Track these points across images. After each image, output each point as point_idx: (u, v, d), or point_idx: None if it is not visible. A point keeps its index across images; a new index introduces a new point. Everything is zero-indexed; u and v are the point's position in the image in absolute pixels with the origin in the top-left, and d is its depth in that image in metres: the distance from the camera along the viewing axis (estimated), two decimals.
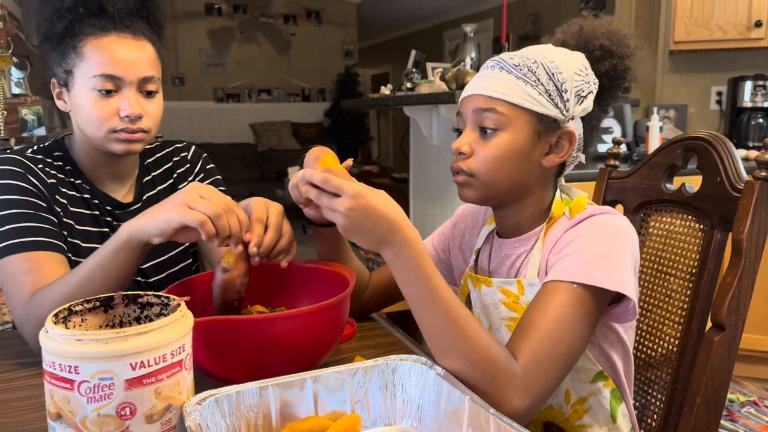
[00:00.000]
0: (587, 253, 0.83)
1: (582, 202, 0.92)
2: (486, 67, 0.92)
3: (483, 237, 1.04)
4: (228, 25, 7.57)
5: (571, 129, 0.90)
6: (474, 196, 0.92)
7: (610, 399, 0.92)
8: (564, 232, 0.88)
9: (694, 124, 3.33)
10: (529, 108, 0.87)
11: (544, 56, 0.89)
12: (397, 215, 0.76)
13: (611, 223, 0.87)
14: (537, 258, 0.91)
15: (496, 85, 0.88)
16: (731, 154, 1.02)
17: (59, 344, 0.59)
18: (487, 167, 0.89)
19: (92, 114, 1.03)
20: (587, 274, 0.80)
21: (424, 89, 2.60)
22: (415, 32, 8.43)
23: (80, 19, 1.04)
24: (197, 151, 1.29)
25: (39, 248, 0.99)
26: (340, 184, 0.75)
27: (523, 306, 0.91)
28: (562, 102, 0.88)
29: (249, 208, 0.91)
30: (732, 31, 2.95)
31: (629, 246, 0.86)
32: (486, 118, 0.88)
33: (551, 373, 0.77)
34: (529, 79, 0.87)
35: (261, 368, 0.78)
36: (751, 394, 2.58)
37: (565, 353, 0.78)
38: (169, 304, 0.71)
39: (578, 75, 0.89)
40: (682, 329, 1.06)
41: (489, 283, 0.95)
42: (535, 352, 0.76)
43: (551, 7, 5.65)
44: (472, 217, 1.11)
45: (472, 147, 0.90)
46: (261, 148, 7.49)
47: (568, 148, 0.91)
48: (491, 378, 0.74)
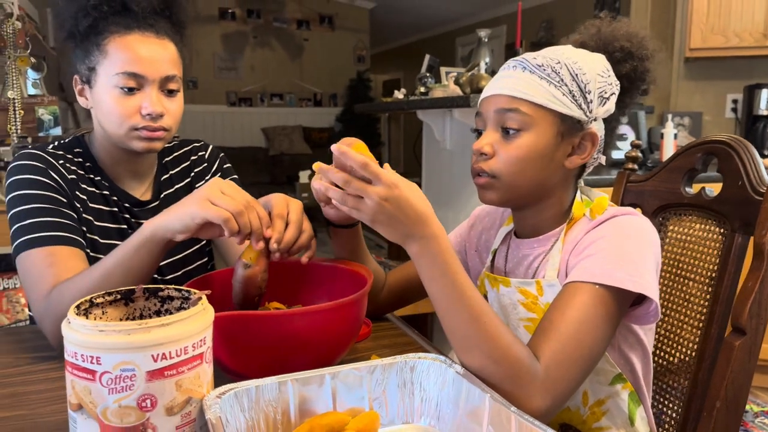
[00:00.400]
0: (609, 254, 0.82)
1: (603, 203, 0.91)
2: (507, 67, 0.91)
3: (500, 237, 1.03)
4: (242, 29, 7.62)
5: (594, 130, 0.90)
6: (496, 198, 0.91)
7: (629, 402, 0.92)
8: (585, 233, 0.88)
9: (709, 131, 3.31)
10: (553, 108, 0.87)
11: (567, 57, 0.88)
12: (426, 210, 0.76)
13: (633, 224, 0.87)
14: (557, 259, 0.90)
15: (519, 85, 0.87)
16: (753, 158, 1.01)
17: (82, 335, 0.59)
18: (510, 168, 0.88)
19: (114, 111, 1.04)
20: (609, 275, 0.79)
21: (438, 93, 2.60)
22: (427, 38, 8.44)
23: (104, 17, 1.05)
24: (215, 150, 1.30)
25: (59, 243, 0.99)
26: (378, 171, 0.73)
27: (541, 307, 0.90)
28: (585, 103, 0.88)
29: (269, 205, 0.91)
30: (749, 39, 2.93)
31: (651, 247, 0.85)
32: (509, 118, 0.87)
33: (572, 374, 0.76)
34: (553, 80, 0.87)
35: (278, 365, 0.78)
36: (765, 405, 2.55)
37: (587, 354, 0.77)
38: (189, 298, 0.71)
39: (601, 76, 0.89)
40: (701, 334, 1.05)
41: (507, 284, 0.94)
42: (556, 353, 0.76)
43: (565, 14, 5.65)
44: (490, 218, 1.10)
45: (494, 147, 0.89)
46: (272, 152, 7.52)
47: (591, 149, 0.91)
48: (513, 376, 0.74)
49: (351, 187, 0.74)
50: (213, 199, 0.85)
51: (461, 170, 2.79)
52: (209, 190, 0.86)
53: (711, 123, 3.33)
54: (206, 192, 0.86)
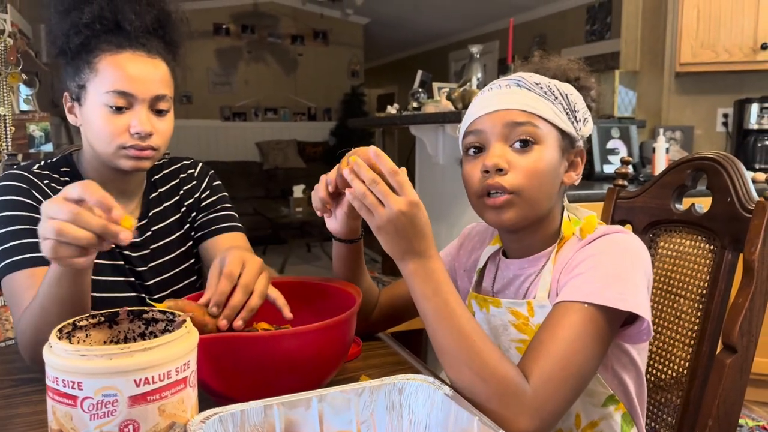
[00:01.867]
0: (599, 273, 0.82)
1: (593, 222, 0.91)
2: (499, 87, 0.90)
3: (485, 257, 1.02)
4: (236, 44, 7.65)
5: (582, 148, 0.92)
6: (515, 218, 0.86)
7: (621, 423, 0.91)
8: (575, 252, 0.87)
9: (701, 145, 3.32)
10: (557, 124, 0.88)
11: (549, 79, 0.90)
12: (430, 231, 0.79)
13: (623, 241, 0.86)
14: (548, 279, 0.89)
15: (525, 100, 0.87)
16: (741, 175, 1.01)
17: (63, 359, 0.58)
18: (531, 181, 0.85)
19: (103, 130, 1.04)
20: (599, 294, 0.79)
21: (431, 108, 2.61)
22: (421, 53, 8.49)
23: (96, 35, 1.04)
24: (204, 168, 1.29)
25: (42, 264, 0.98)
26: (406, 183, 0.75)
27: (532, 328, 0.89)
28: (576, 122, 0.90)
29: (225, 261, 0.86)
30: (738, 54, 2.95)
31: (642, 265, 0.84)
32: (524, 131, 0.86)
33: (562, 394, 0.75)
34: (550, 97, 0.88)
35: (265, 386, 0.77)
36: (760, 419, 2.54)
37: (577, 374, 0.76)
38: (174, 320, 0.71)
39: (580, 98, 0.92)
40: (693, 351, 1.05)
41: (498, 304, 0.93)
42: (545, 373, 0.75)
43: (556, 30, 5.69)
44: (479, 237, 1.09)
45: (508, 162, 0.86)
46: (267, 167, 7.51)
47: (580, 166, 0.93)
48: (500, 395, 0.73)
49: (376, 189, 0.75)
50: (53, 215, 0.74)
51: (454, 185, 2.79)
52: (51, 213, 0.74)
53: (702, 137, 3.34)
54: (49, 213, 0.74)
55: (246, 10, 7.61)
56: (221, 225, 1.23)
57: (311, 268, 5.41)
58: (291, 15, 7.79)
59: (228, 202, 1.28)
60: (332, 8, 7.44)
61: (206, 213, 1.24)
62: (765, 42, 2.89)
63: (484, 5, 6.06)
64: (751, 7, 2.91)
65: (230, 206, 1.27)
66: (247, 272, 0.86)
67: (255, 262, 0.88)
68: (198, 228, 1.24)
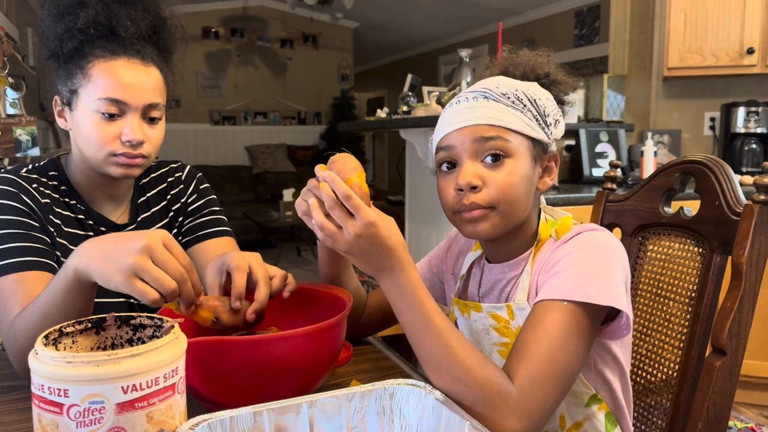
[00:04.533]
0: (576, 270, 0.82)
1: (567, 223, 0.92)
2: (466, 100, 0.89)
3: (468, 263, 1.03)
4: (225, 48, 7.63)
5: (555, 152, 0.93)
6: (490, 229, 0.87)
7: (605, 423, 0.91)
8: (551, 252, 0.88)
9: (688, 149, 3.35)
10: (526, 134, 0.88)
11: (519, 85, 0.90)
12: (397, 245, 0.78)
13: (598, 238, 0.87)
14: (526, 282, 0.90)
15: (492, 113, 0.86)
16: (729, 178, 1.01)
17: (49, 366, 0.58)
18: (506, 196, 0.85)
19: (93, 136, 1.02)
20: (578, 291, 0.79)
21: (420, 112, 2.61)
22: (411, 57, 8.51)
23: (91, 41, 1.03)
24: (192, 171, 1.28)
25: (29, 268, 0.97)
26: (359, 206, 0.74)
27: (513, 331, 0.90)
28: (546, 126, 0.90)
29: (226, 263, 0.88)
30: (725, 58, 2.98)
31: (618, 260, 0.85)
32: (493, 146, 0.85)
33: (547, 392, 0.76)
34: (518, 107, 0.87)
35: (254, 391, 0.77)
36: (749, 421, 2.55)
37: (561, 371, 0.77)
38: (162, 326, 0.70)
39: (549, 100, 0.91)
40: (682, 354, 1.05)
41: (479, 309, 0.94)
42: (529, 372, 0.75)
43: (545, 34, 5.72)
44: (466, 241, 1.10)
45: (481, 178, 0.86)
46: (256, 171, 7.50)
47: (554, 170, 0.93)
48: (484, 398, 0.74)
49: (334, 214, 0.75)
50: (141, 273, 0.75)
51: None
52: (138, 262, 0.74)
53: (690, 141, 3.37)
54: (133, 262, 0.75)
55: (235, 14, 7.59)
56: (209, 230, 1.22)
57: (301, 272, 5.39)
58: (280, 19, 7.78)
59: (216, 205, 1.26)
60: (322, 12, 7.43)
61: (194, 217, 1.23)
62: (751, 46, 2.93)
63: (473, 9, 6.08)
64: (738, 12, 2.94)
65: (219, 209, 1.26)
66: (256, 267, 0.88)
67: (256, 256, 0.91)
68: (185, 233, 1.23)
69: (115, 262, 0.76)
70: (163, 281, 0.75)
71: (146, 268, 0.75)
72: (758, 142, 3.12)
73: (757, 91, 3.21)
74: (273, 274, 0.90)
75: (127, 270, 0.75)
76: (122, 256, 0.75)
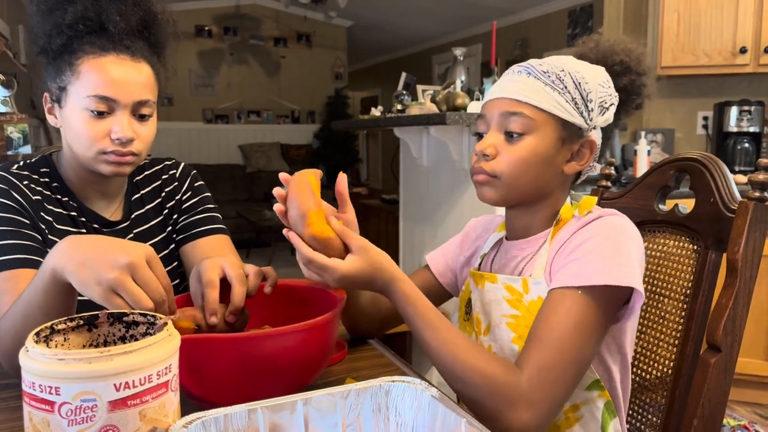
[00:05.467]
0: (595, 256, 0.83)
1: (591, 201, 0.94)
2: (512, 72, 0.93)
3: (491, 243, 1.05)
4: (218, 46, 7.60)
5: (593, 138, 0.93)
6: (494, 196, 0.93)
7: (603, 411, 0.91)
8: (572, 234, 0.89)
9: (681, 148, 3.36)
10: (556, 114, 0.89)
11: (571, 66, 0.91)
12: (384, 261, 0.85)
13: (618, 224, 0.88)
14: (544, 258, 0.91)
15: (524, 89, 0.89)
16: (724, 175, 1.02)
17: (40, 364, 0.57)
18: (512, 170, 0.90)
19: (83, 134, 1.01)
20: (595, 275, 0.81)
21: (415, 111, 2.60)
22: (405, 56, 8.50)
23: (80, 36, 1.01)
24: (186, 169, 1.27)
25: (19, 266, 0.96)
26: (322, 266, 0.82)
27: (525, 305, 0.91)
28: (587, 111, 0.90)
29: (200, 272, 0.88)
30: (717, 58, 2.99)
31: (635, 246, 0.86)
32: (513, 121, 0.89)
33: (558, 381, 0.77)
34: (557, 87, 0.89)
35: (246, 390, 0.76)
36: (742, 419, 2.56)
37: (573, 360, 0.78)
38: (155, 323, 0.69)
39: (602, 86, 0.92)
40: (677, 351, 1.05)
41: (494, 280, 0.95)
42: (539, 362, 0.77)
43: (539, 33, 5.73)
44: (483, 228, 1.11)
45: (497, 149, 0.91)
46: (250, 169, 7.47)
47: (588, 156, 0.93)
48: (492, 393, 0.76)
49: (310, 268, 0.85)
50: (119, 289, 0.74)
51: (438, 187, 2.80)
52: (118, 278, 0.74)
53: (683, 140, 3.38)
54: (114, 279, 0.74)
55: (228, 12, 7.56)
56: (203, 228, 1.21)
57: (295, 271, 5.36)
58: (273, 17, 7.76)
59: (211, 202, 1.26)
60: (315, 11, 7.41)
61: (188, 215, 1.22)
62: (744, 46, 2.93)
63: (467, 9, 6.08)
64: (731, 12, 2.95)
65: (213, 207, 1.25)
66: (229, 268, 0.87)
67: (232, 262, 0.89)
68: (180, 231, 1.22)
69: (94, 273, 0.74)
70: (140, 300, 0.74)
71: (126, 287, 0.74)
72: (751, 141, 3.13)
73: (750, 90, 3.23)
74: (248, 272, 0.89)
75: (106, 284, 0.74)
76: (103, 268, 0.74)
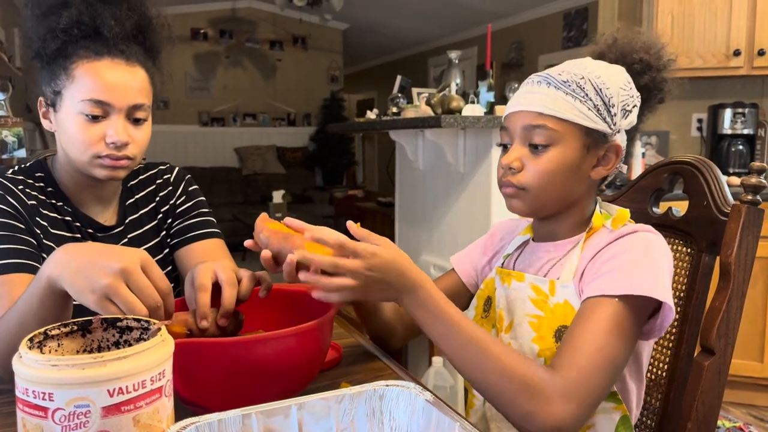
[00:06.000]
0: (633, 267, 0.84)
1: (625, 215, 0.94)
2: (531, 83, 0.93)
3: (515, 245, 1.05)
4: (214, 49, 7.60)
5: (618, 142, 0.93)
6: (523, 208, 0.94)
7: (618, 425, 0.91)
8: (607, 243, 0.89)
9: (676, 150, 3.37)
10: (579, 123, 0.89)
11: (590, 71, 0.91)
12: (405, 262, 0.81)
13: (653, 241, 0.89)
14: (574, 263, 0.92)
15: (545, 101, 0.89)
16: (717, 179, 1.02)
17: (33, 370, 0.57)
18: (539, 182, 0.90)
19: (77, 138, 1.01)
20: (628, 285, 0.81)
21: (410, 114, 2.61)
22: (401, 59, 8.51)
23: (74, 41, 1.01)
24: (180, 173, 1.27)
25: (15, 270, 0.96)
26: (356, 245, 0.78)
27: (550, 307, 0.91)
28: (609, 116, 0.90)
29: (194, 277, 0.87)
30: (711, 60, 3.01)
31: (667, 263, 0.87)
32: (537, 134, 0.90)
33: (595, 381, 0.77)
34: (578, 95, 0.89)
35: (239, 395, 0.76)
36: (737, 420, 2.57)
37: (608, 362, 0.79)
38: (149, 328, 0.69)
39: (623, 90, 0.91)
40: (672, 354, 1.05)
41: (521, 278, 0.96)
42: (576, 362, 0.77)
43: (534, 36, 5.74)
44: (509, 231, 1.12)
45: (522, 162, 0.91)
46: (246, 172, 7.47)
47: (615, 160, 0.94)
48: (525, 388, 0.76)
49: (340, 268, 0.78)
50: (113, 296, 0.74)
51: (433, 190, 2.80)
52: (112, 284, 0.74)
53: (678, 142, 3.39)
54: (108, 285, 0.74)
55: (224, 15, 7.56)
56: (198, 232, 1.21)
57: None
58: (269, 20, 7.76)
59: (205, 207, 1.25)
60: (311, 13, 7.41)
61: (182, 219, 1.22)
62: (737, 48, 2.95)
63: (462, 12, 6.09)
64: (724, 15, 2.97)
65: (207, 211, 1.25)
66: (221, 271, 0.86)
67: (225, 265, 0.88)
68: (174, 235, 1.22)
69: (88, 280, 0.75)
70: (134, 306, 0.74)
71: (119, 293, 0.74)
72: (745, 143, 3.15)
73: (744, 92, 3.24)
74: (241, 276, 0.89)
75: (100, 290, 0.74)
76: (96, 274, 0.74)
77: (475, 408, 1.02)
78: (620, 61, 0.97)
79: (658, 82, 0.99)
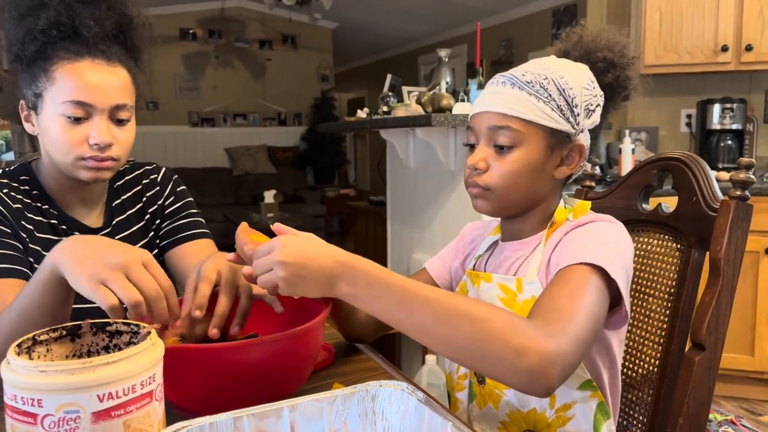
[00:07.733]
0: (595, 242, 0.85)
1: (585, 206, 0.95)
2: (496, 83, 0.93)
3: (486, 245, 1.05)
4: (203, 49, 7.57)
5: (581, 142, 0.93)
6: (489, 208, 0.95)
7: (596, 412, 0.91)
8: (565, 233, 0.90)
9: (665, 146, 3.39)
10: (543, 124, 0.89)
11: (553, 71, 0.91)
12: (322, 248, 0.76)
13: (614, 229, 0.90)
14: (538, 259, 0.92)
15: (509, 102, 0.89)
16: (706, 174, 1.03)
17: (21, 376, 0.56)
18: (504, 182, 0.91)
19: (60, 140, 1.00)
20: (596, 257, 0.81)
21: (401, 112, 2.60)
22: (391, 57, 8.51)
23: (53, 42, 1.00)
24: (167, 173, 1.26)
25: (2, 275, 0.95)
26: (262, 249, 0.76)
27: (519, 304, 0.92)
28: (573, 117, 0.91)
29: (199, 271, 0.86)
30: (699, 56, 3.02)
31: (625, 255, 0.87)
32: (501, 134, 0.90)
33: (572, 319, 0.74)
34: (542, 96, 0.89)
35: (228, 400, 0.75)
36: (728, 413, 2.59)
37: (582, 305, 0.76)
38: (139, 332, 0.69)
39: (586, 89, 0.92)
40: (662, 349, 1.06)
41: (489, 279, 0.96)
42: (554, 305, 0.76)
43: (523, 33, 5.76)
44: (479, 232, 1.12)
45: (488, 162, 0.92)
46: (237, 173, 7.44)
47: (578, 159, 0.94)
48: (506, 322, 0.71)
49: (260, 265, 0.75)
50: (108, 282, 0.75)
51: (425, 188, 2.80)
52: (109, 274, 0.75)
53: (667, 138, 3.41)
54: (104, 273, 0.75)
55: (213, 15, 7.53)
56: (188, 232, 1.20)
57: None
58: (258, 20, 7.73)
59: (194, 207, 1.25)
60: (300, 12, 7.40)
61: (171, 220, 1.22)
62: (725, 44, 2.97)
63: (452, 9, 6.10)
64: (712, 10, 2.98)
65: (196, 212, 1.25)
66: (225, 276, 0.86)
67: (230, 266, 0.87)
68: (163, 236, 1.21)
69: (87, 269, 0.75)
70: (127, 290, 0.74)
71: (117, 280, 0.75)
72: (734, 138, 3.17)
73: (732, 88, 3.26)
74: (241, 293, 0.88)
75: (96, 279, 0.75)
76: (97, 266, 0.75)
77: (460, 411, 1.02)
78: (584, 59, 0.98)
79: (622, 81, 1.00)
